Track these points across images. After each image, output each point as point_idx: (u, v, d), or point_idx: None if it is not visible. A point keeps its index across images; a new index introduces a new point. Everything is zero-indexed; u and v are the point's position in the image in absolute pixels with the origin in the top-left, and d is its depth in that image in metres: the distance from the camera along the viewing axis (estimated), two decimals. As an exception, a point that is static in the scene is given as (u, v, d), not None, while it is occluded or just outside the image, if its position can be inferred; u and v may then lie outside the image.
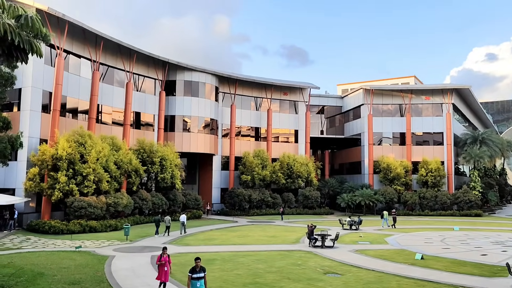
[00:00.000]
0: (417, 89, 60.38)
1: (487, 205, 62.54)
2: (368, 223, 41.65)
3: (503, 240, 30.27)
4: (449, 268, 19.92)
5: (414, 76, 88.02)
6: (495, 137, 63.05)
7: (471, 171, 59.65)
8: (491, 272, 19.18)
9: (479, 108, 72.47)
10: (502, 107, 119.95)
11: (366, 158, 58.63)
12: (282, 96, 58.22)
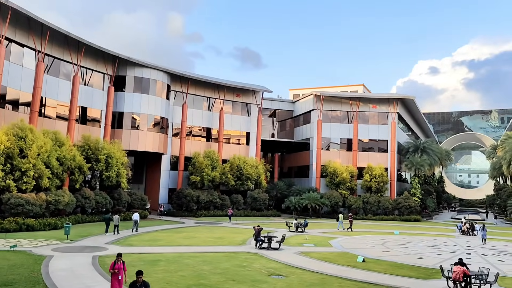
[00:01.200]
0: (365, 98, 62.50)
1: (425, 211, 65.70)
2: (314, 225, 42.50)
3: (439, 244, 31.93)
4: (388, 271, 20.71)
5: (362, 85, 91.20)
6: (435, 147, 66.51)
7: (412, 178, 62.52)
8: (426, 275, 20.14)
9: (421, 118, 76.16)
10: (443, 118, 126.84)
11: (314, 162, 59.88)
12: (235, 98, 58.24)
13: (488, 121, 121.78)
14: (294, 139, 65.48)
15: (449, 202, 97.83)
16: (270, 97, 64.92)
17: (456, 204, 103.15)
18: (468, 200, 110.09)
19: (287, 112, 67.53)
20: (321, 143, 60.10)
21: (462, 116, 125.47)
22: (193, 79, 53.45)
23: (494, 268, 21.56)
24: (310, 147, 61.34)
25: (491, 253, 28.20)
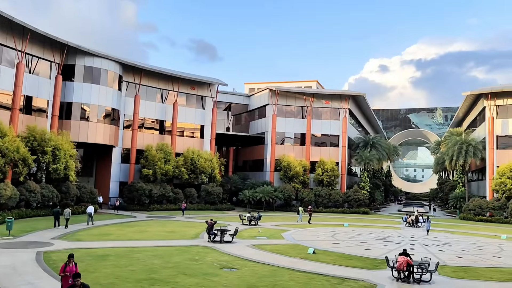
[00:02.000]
0: (318, 93, 63.72)
1: (373, 204, 68.20)
2: (267, 218, 42.98)
3: (385, 236, 33.26)
4: (337, 262, 21.34)
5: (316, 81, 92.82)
6: (383, 142, 69.02)
7: (362, 172, 64.64)
8: (373, 265, 20.93)
9: (371, 114, 78.74)
10: (391, 115, 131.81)
11: (268, 156, 60.46)
12: (189, 90, 57.57)
13: (433, 119, 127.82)
14: (249, 133, 65.76)
15: (396, 195, 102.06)
16: (225, 91, 64.74)
17: (403, 197, 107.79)
18: (413, 193, 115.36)
19: (242, 106, 67.65)
20: (275, 138, 60.76)
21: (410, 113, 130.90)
22: (147, 70, 52.26)
23: (435, 258, 22.74)
24: (265, 141, 61.85)
25: (433, 244, 29.73)
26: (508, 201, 50.28)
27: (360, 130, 76.21)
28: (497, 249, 28.04)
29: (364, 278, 17.77)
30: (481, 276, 19.12)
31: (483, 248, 28.33)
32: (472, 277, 18.87)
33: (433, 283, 17.45)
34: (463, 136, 61.15)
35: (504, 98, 54.80)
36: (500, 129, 54.88)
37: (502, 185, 50.50)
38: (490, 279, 18.59)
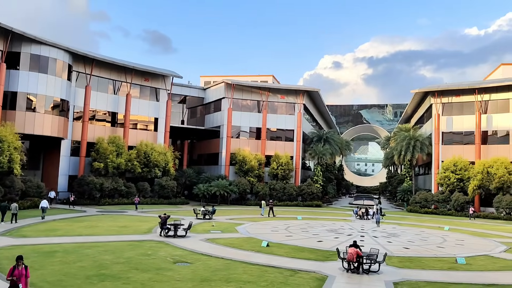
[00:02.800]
0: (274, 88, 64.22)
1: (326, 197, 69.82)
2: (221, 212, 42.98)
3: (337, 228, 34.20)
4: (290, 254, 21.72)
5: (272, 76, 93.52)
6: (336, 137, 70.73)
7: (315, 166, 65.98)
8: (324, 257, 21.48)
9: (325, 110, 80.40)
10: (344, 111, 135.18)
11: (224, 150, 60.34)
12: (143, 82, 56.26)
13: (383, 115, 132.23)
14: (205, 127, 65.26)
15: (348, 188, 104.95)
16: (180, 83, 63.83)
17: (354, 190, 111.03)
18: (364, 187, 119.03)
19: (198, 99, 66.98)
20: (231, 131, 60.70)
21: (361, 109, 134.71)
22: (98, 60, 50.50)
23: (383, 249, 23.66)
24: (220, 135, 61.63)
25: (381, 235, 30.91)
26: (452, 194, 53.07)
27: (314, 125, 77.65)
28: (441, 240, 29.57)
29: (316, 270, 18.20)
30: (425, 266, 20.11)
31: (428, 239, 29.78)
32: (417, 267, 19.80)
33: (381, 273, 18.15)
34: (411, 132, 63.77)
35: (449, 96, 57.60)
36: (445, 125, 57.71)
37: (446, 179, 53.20)
38: (433, 268, 19.58)
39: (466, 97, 56.29)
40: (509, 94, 53.31)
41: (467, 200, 51.58)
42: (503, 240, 30.33)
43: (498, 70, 75.57)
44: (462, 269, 19.63)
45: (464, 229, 36.77)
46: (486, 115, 54.83)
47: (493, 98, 54.69)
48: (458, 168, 52.85)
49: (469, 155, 54.53)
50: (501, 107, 54.30)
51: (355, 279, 17.14)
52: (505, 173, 48.77)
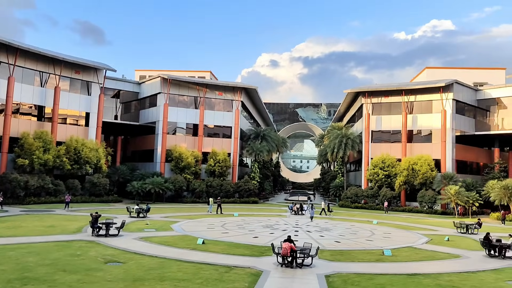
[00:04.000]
0: (212, 84, 63.85)
1: (263, 193, 70.71)
2: (156, 210, 42.06)
3: (272, 224, 34.75)
4: (226, 251, 21.73)
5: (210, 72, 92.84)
6: (273, 135, 71.86)
7: (253, 163, 66.61)
8: (259, 252, 21.72)
9: (263, 107, 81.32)
10: (281, 109, 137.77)
11: (159, 147, 59.01)
12: (73, 75, 53.47)
13: (318, 113, 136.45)
14: (139, 122, 63.39)
15: (284, 185, 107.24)
16: (114, 77, 61.45)
17: (290, 187, 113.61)
18: (299, 183, 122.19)
19: (133, 93, 64.86)
20: (167, 127, 59.52)
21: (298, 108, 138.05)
22: (23, 50, 47.18)
23: (316, 243, 24.38)
24: (156, 131, 60.19)
25: (314, 230, 31.86)
26: (380, 189, 55.93)
27: (252, 122, 78.27)
28: (369, 233, 31.05)
29: (251, 265, 18.36)
30: (355, 258, 21.01)
31: (357, 233, 31.15)
32: (347, 260, 20.63)
33: (314, 266, 18.70)
34: (344, 130, 66.34)
35: (378, 96, 60.59)
36: (375, 124, 60.66)
37: (375, 175, 55.97)
38: (362, 261, 20.51)
39: (394, 98, 59.52)
40: (432, 96, 57.12)
41: (394, 195, 54.63)
42: (425, 233, 32.48)
43: (423, 73, 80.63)
44: (389, 260, 20.74)
45: (391, 223, 38.91)
46: (412, 115, 58.33)
47: (418, 99, 58.31)
48: (386, 165, 55.80)
49: (396, 153, 57.77)
50: (425, 108, 58.03)
51: (289, 273, 17.51)
52: (428, 170, 52.29)
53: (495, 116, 58.22)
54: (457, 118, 56.68)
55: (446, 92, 55.87)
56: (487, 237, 23.22)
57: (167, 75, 61.00)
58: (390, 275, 17.54)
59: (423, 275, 17.68)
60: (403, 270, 18.50)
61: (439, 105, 56.55)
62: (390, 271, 18.26)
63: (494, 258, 22.19)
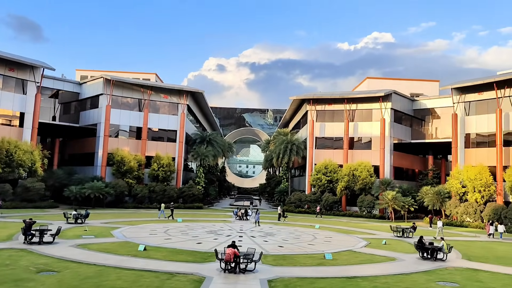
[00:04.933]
0: (157, 87, 62.60)
1: (207, 199, 70.19)
2: (96, 216, 40.44)
3: (216, 229, 34.51)
4: (168, 257, 21.26)
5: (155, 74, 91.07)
6: (219, 139, 71.60)
7: (198, 167, 65.94)
8: (203, 258, 21.46)
9: (209, 111, 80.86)
10: (228, 113, 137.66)
11: (100, 150, 56.85)
12: (7, 72, 50.32)
13: (265, 119, 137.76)
14: (80, 124, 60.79)
15: (229, 190, 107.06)
16: (52, 76, 58.54)
17: (235, 192, 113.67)
18: (245, 188, 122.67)
19: (73, 94, 62.07)
20: (109, 130, 57.51)
21: (244, 113, 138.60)
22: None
23: (259, 248, 24.50)
24: (97, 134, 57.96)
25: (258, 235, 32.01)
26: (322, 194, 57.34)
27: (198, 126, 77.58)
28: (312, 238, 31.68)
29: (194, 272, 18.09)
30: (297, 263, 21.32)
31: (300, 237, 31.68)
32: (289, 264, 20.88)
33: (257, 271, 18.74)
34: (289, 136, 67.45)
35: (322, 104, 62.26)
36: (319, 131, 62.23)
37: (318, 181, 57.33)
38: (304, 265, 20.85)
39: (337, 106, 61.43)
40: (373, 105, 59.57)
41: (335, 200, 56.22)
42: (364, 236, 33.65)
43: (364, 83, 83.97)
44: (329, 264, 21.24)
45: (333, 227, 39.95)
46: (353, 123, 60.47)
47: (359, 108, 60.58)
48: (328, 170, 57.35)
49: (338, 159, 59.57)
50: (366, 116, 60.39)
51: (231, 279, 17.43)
52: (368, 176, 54.35)
53: (429, 125, 61.73)
54: (395, 126, 59.49)
55: (385, 101, 58.47)
56: (421, 241, 24.46)
57: (110, 76, 59.05)
58: (330, 278, 17.95)
59: (361, 278, 18.26)
60: (342, 273, 19.02)
61: (378, 113, 59.05)
62: (331, 274, 18.70)
63: (426, 260, 23.39)
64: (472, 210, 46.14)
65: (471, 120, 52.00)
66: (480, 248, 29.29)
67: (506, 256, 26.09)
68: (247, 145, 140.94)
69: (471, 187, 46.84)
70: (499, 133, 47.67)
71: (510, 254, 27.03)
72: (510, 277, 19.80)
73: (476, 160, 49.48)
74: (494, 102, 49.11)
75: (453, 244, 27.09)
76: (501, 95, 48.39)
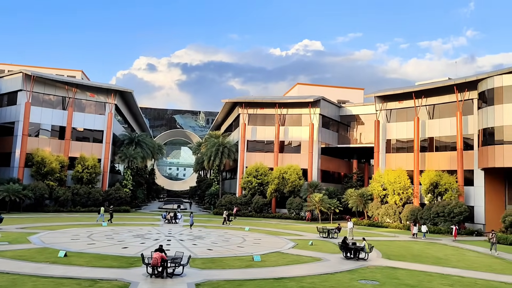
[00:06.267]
0: (83, 85, 59.65)
1: (135, 202, 68.02)
2: (11, 221, 37.62)
3: (144, 233, 33.53)
4: (91, 263, 20.28)
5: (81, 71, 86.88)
6: (149, 141, 69.75)
7: (125, 169, 63.69)
8: (128, 263, 20.74)
9: (138, 112, 78.53)
10: (158, 114, 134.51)
11: (18, 150, 52.89)
12: None
13: (196, 121, 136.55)
14: (-6, 122, 56.19)
15: (158, 193, 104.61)
16: (-37, 68, 53.61)
17: (165, 195, 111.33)
18: (175, 191, 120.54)
19: (-13, 89, 57.26)
20: (28, 129, 53.72)
21: (176, 114, 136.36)
22: None
23: (188, 252, 24.18)
24: (14, 132, 53.87)
25: (187, 238, 31.59)
26: (253, 197, 57.93)
27: (126, 127, 75.01)
28: (241, 240, 31.85)
29: (118, 278, 17.43)
30: (226, 265, 21.32)
31: (230, 240, 31.72)
32: (218, 267, 20.82)
33: (185, 275, 18.47)
34: (221, 139, 67.38)
35: (254, 108, 62.99)
36: (250, 134, 62.85)
37: (248, 183, 57.84)
38: (233, 267, 20.90)
39: (269, 110, 62.50)
40: (302, 110, 61.36)
41: (265, 202, 57.05)
42: (292, 238, 34.48)
43: (294, 88, 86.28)
44: (258, 266, 21.48)
45: (262, 229, 40.49)
46: (284, 127, 61.86)
47: (290, 113, 62.11)
48: (259, 173, 58.09)
49: (269, 162, 60.57)
50: (295, 121, 62.05)
51: (158, 283, 17.01)
52: (296, 179, 55.82)
53: (354, 131, 64.85)
54: (323, 131, 61.74)
55: (314, 107, 60.50)
56: (344, 241, 25.56)
57: (30, 71, 55.19)
58: (258, 280, 18.15)
59: (288, 278, 18.67)
60: (270, 274, 19.31)
61: (308, 119, 60.94)
62: (259, 276, 18.91)
63: (350, 259, 24.46)
64: (392, 212, 49.09)
65: (392, 126, 55.40)
66: (399, 247, 31.20)
67: (421, 255, 28.04)
68: (178, 147, 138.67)
69: (391, 190, 49.83)
70: (416, 140, 51.22)
71: (424, 253, 29.09)
72: (424, 273, 21.29)
73: (396, 164, 52.73)
74: (413, 110, 52.72)
75: (374, 244, 28.61)
76: (419, 104, 52.07)
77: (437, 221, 43.59)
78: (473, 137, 47.05)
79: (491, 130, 43.01)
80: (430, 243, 35.18)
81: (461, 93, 47.93)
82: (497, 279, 20.44)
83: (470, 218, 45.27)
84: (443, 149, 50.24)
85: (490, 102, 43.43)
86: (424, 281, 19.35)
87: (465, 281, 19.85)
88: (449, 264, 24.38)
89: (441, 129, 50.46)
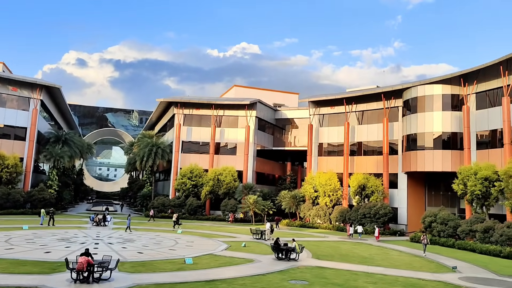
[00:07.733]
0: (4, 78, 55.43)
1: (61, 203, 64.29)
2: None
3: (69, 237, 31.80)
4: (8, 269, 18.86)
5: (3, 63, 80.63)
6: (77, 139, 66.42)
7: (51, 169, 60.12)
8: (51, 269, 19.53)
9: (67, 109, 74.46)
10: (88, 112, 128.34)
11: None
12: None
13: (129, 120, 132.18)
14: None
15: (87, 194, 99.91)
16: None
17: (94, 196, 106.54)
18: (105, 192, 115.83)
19: None
20: None
21: (107, 112, 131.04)
22: None
23: (117, 255, 23.25)
24: None
25: (117, 241, 30.40)
26: (187, 199, 57.13)
27: (53, 124, 70.84)
28: (173, 243, 31.24)
29: (39, 284, 16.36)
30: (157, 269, 20.76)
31: (162, 243, 31.00)
32: (148, 270, 20.22)
33: (112, 280, 17.73)
34: (154, 139, 65.81)
35: (190, 108, 62.23)
36: (185, 135, 62.00)
37: (183, 185, 56.96)
38: (164, 270, 20.40)
39: (205, 111, 62.06)
40: (239, 112, 61.61)
41: (199, 204, 56.50)
42: (225, 240, 34.43)
43: (231, 90, 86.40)
44: (189, 268, 21.15)
45: (195, 231, 40.03)
46: (220, 129, 61.72)
47: (226, 114, 62.10)
48: (194, 175, 57.42)
49: (204, 164, 60.08)
50: (232, 123, 62.16)
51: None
52: (232, 180, 55.91)
53: (289, 134, 66.30)
54: (259, 134, 62.43)
55: (250, 109, 60.99)
56: (277, 242, 25.95)
57: None
58: (189, 283, 17.87)
59: (220, 280, 18.57)
60: (202, 277, 19.09)
61: (244, 121, 61.31)
62: (190, 279, 18.62)
63: (281, 260, 24.87)
64: (323, 213, 50.71)
65: (324, 131, 57.30)
66: (328, 248, 32.27)
67: (348, 254, 29.20)
68: (109, 146, 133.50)
69: (322, 192, 51.48)
70: (346, 144, 53.39)
71: (351, 252, 30.33)
72: (350, 272, 22.17)
73: (327, 167, 54.57)
74: (343, 116, 54.90)
75: (305, 244, 29.36)
76: (349, 110, 54.33)
77: (364, 222, 45.67)
78: (397, 143, 49.94)
79: (414, 136, 45.91)
80: (357, 243, 36.78)
81: (387, 101, 50.69)
82: (416, 276, 21.80)
83: (394, 219, 47.92)
84: (371, 153, 52.81)
85: (413, 110, 46.37)
86: (350, 280, 20.14)
87: (387, 278, 20.94)
88: (373, 263, 25.60)
89: (369, 134, 53.01)
